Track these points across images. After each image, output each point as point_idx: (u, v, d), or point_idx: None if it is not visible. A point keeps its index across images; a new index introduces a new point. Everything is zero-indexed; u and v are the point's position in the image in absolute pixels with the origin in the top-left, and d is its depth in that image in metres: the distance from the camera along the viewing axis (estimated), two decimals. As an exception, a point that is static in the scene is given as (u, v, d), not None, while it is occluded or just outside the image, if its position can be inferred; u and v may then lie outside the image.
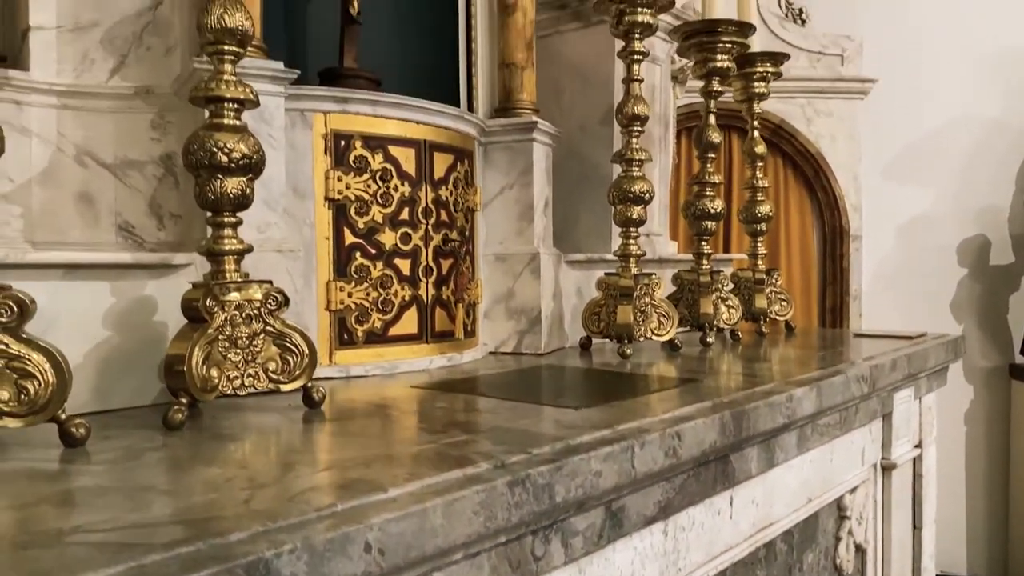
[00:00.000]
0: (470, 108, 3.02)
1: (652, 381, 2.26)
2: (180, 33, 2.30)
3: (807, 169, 5.68)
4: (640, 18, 2.84)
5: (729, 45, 3.25)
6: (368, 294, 2.37)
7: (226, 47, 1.73)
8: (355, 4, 2.70)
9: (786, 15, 5.65)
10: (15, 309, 1.41)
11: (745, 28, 3.26)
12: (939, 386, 3.50)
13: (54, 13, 2.23)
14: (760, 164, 3.74)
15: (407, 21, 2.99)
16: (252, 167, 1.74)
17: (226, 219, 1.74)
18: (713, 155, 3.38)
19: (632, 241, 2.89)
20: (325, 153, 2.32)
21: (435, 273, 2.55)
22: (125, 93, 2.28)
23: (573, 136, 3.68)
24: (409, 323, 2.48)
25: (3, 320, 1.39)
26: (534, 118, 2.97)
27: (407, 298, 2.47)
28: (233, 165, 1.70)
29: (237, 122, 1.74)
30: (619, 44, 2.97)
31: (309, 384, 1.80)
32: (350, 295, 2.34)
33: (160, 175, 2.30)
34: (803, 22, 5.70)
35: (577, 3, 3.88)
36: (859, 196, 5.65)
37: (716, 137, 3.35)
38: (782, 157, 5.70)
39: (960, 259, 5.87)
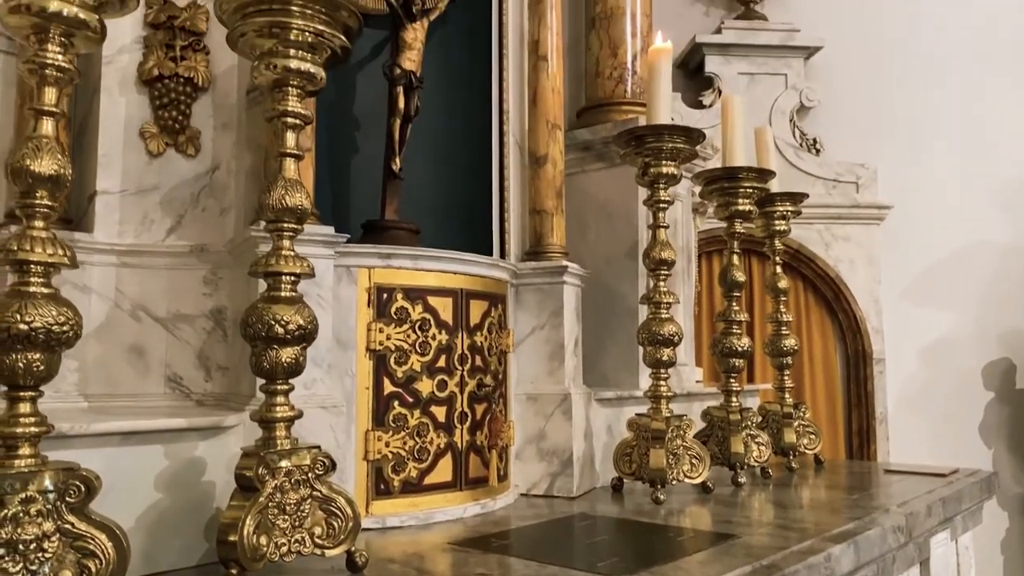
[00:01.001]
0: (502, 251, 3.13)
1: (687, 536, 2.26)
2: (235, 195, 2.45)
3: (827, 292, 5.76)
4: (664, 169, 2.98)
5: (750, 190, 3.38)
6: (405, 443, 2.42)
7: (286, 225, 1.85)
8: (397, 161, 2.86)
9: (801, 145, 5.86)
10: (82, 489, 1.47)
11: (765, 175, 3.40)
12: (975, 525, 3.45)
13: (119, 178, 2.39)
14: (783, 298, 3.81)
15: (444, 171, 3.15)
16: (307, 337, 1.83)
17: (279, 387, 1.81)
18: (738, 293, 3.46)
19: (663, 383, 2.94)
20: (368, 306, 2.42)
21: (470, 419, 2.60)
22: (180, 251, 2.41)
23: (599, 268, 3.78)
24: (444, 471, 2.51)
25: (71, 500, 1.45)
26: (564, 262, 3.08)
27: (442, 445, 2.51)
28: (289, 336, 1.78)
29: (293, 293, 1.84)
30: (644, 192, 3.10)
31: (352, 549, 1.82)
32: (387, 444, 2.39)
33: (210, 328, 2.40)
34: (818, 151, 5.90)
35: (601, 145, 4.06)
36: (880, 319, 5.69)
37: (740, 276, 3.43)
38: (802, 281, 5.78)
39: (986, 382, 5.85)
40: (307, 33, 1.86)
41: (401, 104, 2.88)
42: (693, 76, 6.16)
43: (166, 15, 2.47)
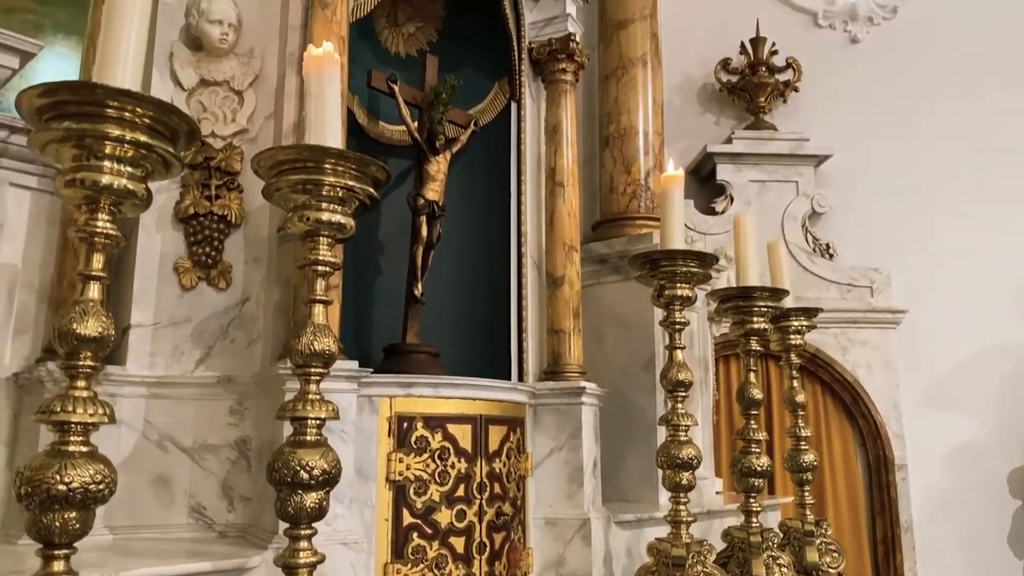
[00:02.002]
0: (520, 369, 3.18)
1: None
2: (263, 327, 2.53)
3: (845, 396, 5.73)
4: (679, 292, 3.04)
5: (764, 309, 3.43)
6: (424, 575, 2.41)
7: (313, 369, 1.91)
8: (419, 286, 2.95)
9: (814, 250, 5.94)
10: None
11: (779, 294, 3.46)
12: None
13: (152, 311, 2.48)
14: (802, 412, 3.81)
15: (465, 294, 3.24)
16: (331, 481, 1.86)
17: (303, 531, 1.83)
18: (756, 411, 3.46)
19: (682, 507, 2.92)
20: (389, 435, 2.46)
21: (488, 549, 2.60)
22: (208, 382, 2.48)
23: (616, 380, 3.81)
24: (463, 603, 2.49)
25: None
26: (582, 383, 3.12)
27: (461, 577, 2.50)
28: (314, 482, 1.82)
29: (319, 437, 1.88)
30: (660, 313, 3.16)
31: None
32: (407, 577, 2.38)
33: (234, 458, 2.44)
34: (831, 256, 5.98)
35: (616, 259, 4.16)
36: (900, 424, 5.64)
37: (758, 394, 3.44)
38: (820, 385, 5.77)
39: (1012, 489, 5.74)
40: (338, 188, 1.96)
41: (424, 232, 3.00)
42: (705, 182, 6.31)
43: (203, 156, 2.61)
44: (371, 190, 2.08)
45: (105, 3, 1.75)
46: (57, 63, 3.24)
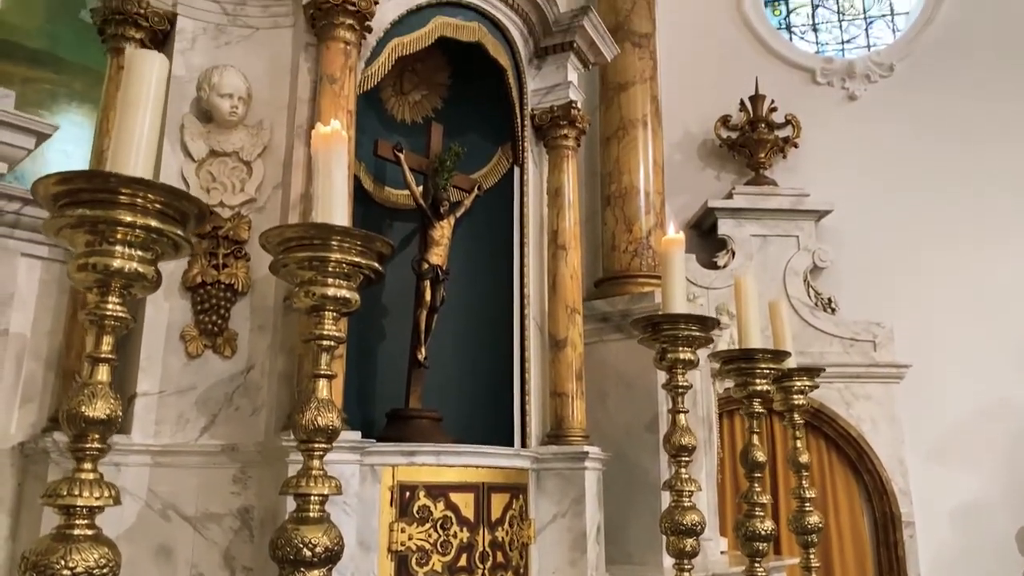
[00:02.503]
0: (523, 433, 3.18)
1: None
2: (267, 395, 2.55)
3: (850, 452, 5.70)
4: (682, 355, 3.05)
5: (767, 371, 3.44)
6: (426, 648, 2.39)
7: (317, 444, 1.92)
8: (423, 350, 2.97)
9: (816, 304, 5.97)
10: None
11: (780, 356, 3.47)
12: None
13: (158, 380, 2.50)
14: (806, 473, 3.79)
15: (468, 357, 3.26)
16: (333, 558, 1.86)
17: (304, 611, 1.83)
18: (759, 474, 3.45)
19: (686, 573, 2.90)
20: (391, 505, 2.46)
21: (491, 620, 2.57)
22: (212, 450, 2.48)
23: (619, 439, 3.81)
24: (465, 676, 2.46)
25: None
26: (585, 447, 3.11)
27: (464, 649, 2.47)
28: (316, 559, 1.82)
29: (322, 513, 1.89)
30: (663, 373, 3.17)
31: None
32: (408, 650, 2.36)
33: (236, 528, 2.43)
34: (833, 310, 6.00)
35: (619, 318, 4.19)
36: (907, 480, 5.60)
37: (761, 456, 3.43)
38: (824, 440, 5.75)
39: (1021, 547, 5.67)
40: (344, 264, 2.00)
41: (428, 296, 3.03)
42: (707, 236, 6.36)
43: (211, 225, 2.65)
44: (376, 265, 2.11)
45: (120, 89, 1.81)
46: (70, 130, 3.31)
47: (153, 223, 1.65)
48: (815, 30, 7.21)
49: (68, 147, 3.27)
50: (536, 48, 3.62)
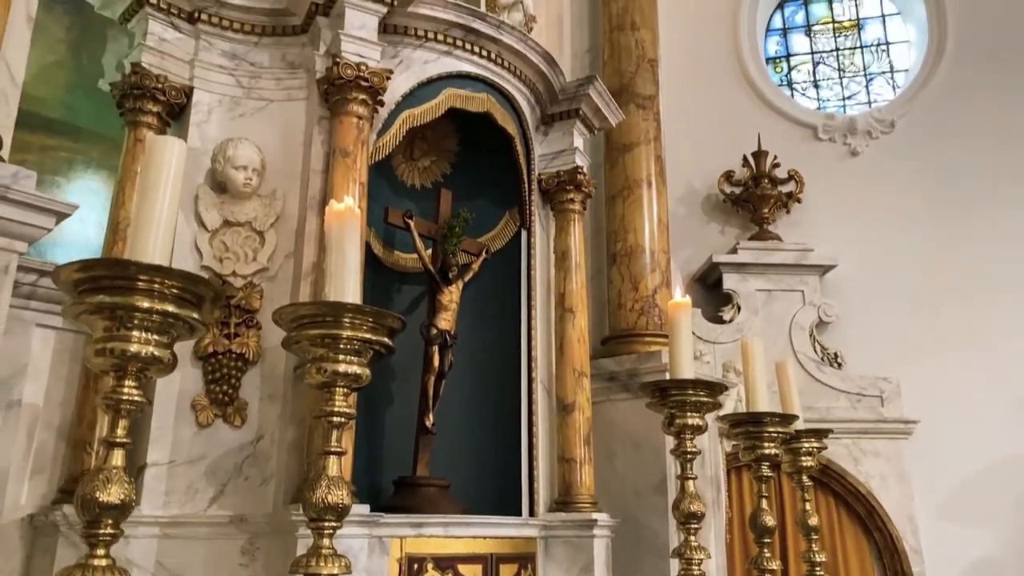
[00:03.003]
0: (531, 500, 3.17)
1: None
2: (276, 465, 2.56)
3: (860, 509, 5.64)
4: (690, 421, 3.05)
5: (775, 434, 3.44)
6: None
7: (327, 523, 1.92)
8: (430, 416, 2.98)
9: (822, 359, 5.96)
10: None
11: (788, 419, 3.46)
12: None
13: (168, 450, 2.52)
14: (815, 536, 3.75)
15: (476, 423, 3.26)
16: (341, 639, 1.85)
17: None
18: (769, 539, 3.42)
19: (695, 644, 2.86)
20: (399, 577, 2.44)
21: None
22: (221, 521, 2.48)
23: (628, 501, 3.78)
24: None
25: None
26: (594, 515, 3.10)
27: None
28: (325, 642, 1.81)
29: (330, 592, 1.88)
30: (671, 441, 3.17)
31: None
32: None
33: (244, 600, 2.42)
34: (839, 365, 5.99)
35: (626, 377, 4.20)
36: (917, 538, 5.53)
37: (771, 521, 3.41)
38: (833, 497, 5.69)
39: (1036, 607, 5.57)
40: (355, 341, 2.03)
41: (436, 362, 3.05)
42: (712, 290, 6.38)
43: (224, 294, 2.68)
44: (387, 341, 2.14)
45: (140, 174, 1.86)
46: (85, 196, 3.36)
47: (170, 308, 1.68)
48: (816, 87, 7.32)
49: (83, 213, 3.30)
50: (543, 115, 3.69)
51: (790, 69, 7.43)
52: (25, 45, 2.68)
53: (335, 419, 2.01)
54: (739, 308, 6.05)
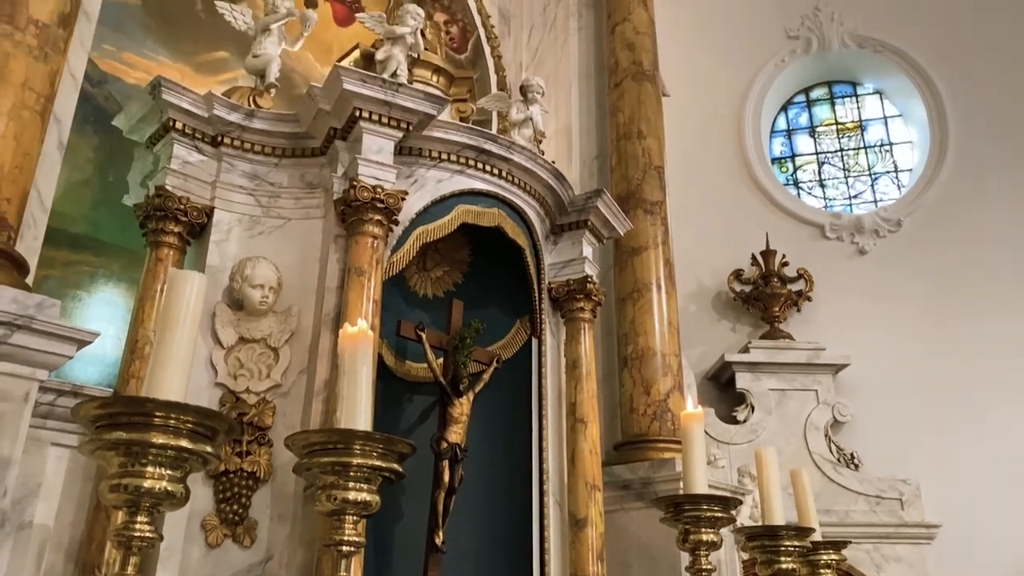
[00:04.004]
0: (546, 621, 3.09)
1: None
2: (285, 588, 2.52)
3: (885, 619, 5.45)
4: (704, 537, 3.01)
5: (791, 548, 3.36)
6: None
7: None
8: (440, 534, 2.95)
9: (839, 460, 5.88)
10: None
11: (804, 532, 3.40)
12: None
13: (177, 571, 2.49)
14: (838, 653, 3.63)
15: (486, 540, 3.21)
16: None
17: None
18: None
19: None
20: None
21: None
22: (227, 649, 2.43)
23: (644, 616, 3.68)
24: None
25: None
26: (608, 638, 3.01)
27: None
28: None
29: None
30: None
31: None
32: None
33: None
34: (856, 466, 5.90)
35: (640, 485, 4.15)
36: (946, 651, 5.32)
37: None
38: (857, 607, 5.51)
39: None
40: (365, 469, 2.04)
41: (446, 477, 3.03)
42: (725, 388, 6.36)
43: (237, 412, 2.71)
44: (397, 467, 2.14)
45: (161, 308, 1.92)
46: (104, 309, 3.44)
47: (184, 444, 1.71)
48: (822, 186, 7.46)
49: (101, 325, 3.37)
50: (552, 225, 3.78)
51: (795, 169, 7.59)
52: (56, 171, 2.81)
53: (345, 548, 2.00)
54: (753, 408, 6.01)
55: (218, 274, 2.92)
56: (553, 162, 3.87)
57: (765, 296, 6.40)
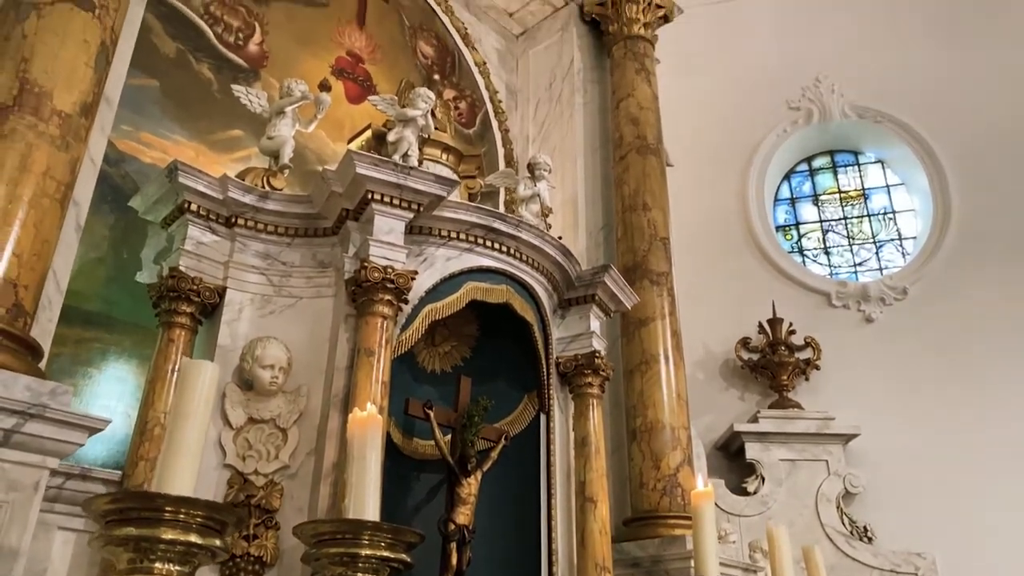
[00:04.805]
0: None
1: None
2: None
3: None
4: (717, 621, 2.95)
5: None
6: None
7: None
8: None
9: (851, 532, 5.76)
10: None
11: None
12: None
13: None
14: None
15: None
16: None
17: None
18: None
19: None
20: None
21: None
22: None
23: None
24: None
25: None
26: None
27: None
28: None
29: None
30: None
31: None
32: None
33: None
34: (870, 539, 5.78)
35: (650, 563, 4.07)
36: None
37: None
38: None
39: None
40: (373, 560, 2.02)
41: (454, 560, 3.00)
42: (735, 458, 6.28)
43: (244, 494, 2.70)
44: (405, 557, 2.13)
45: (174, 399, 1.94)
46: (114, 385, 3.46)
47: (194, 539, 1.70)
48: (827, 253, 7.50)
49: (111, 402, 3.40)
50: (560, 300, 3.80)
51: (800, 237, 7.64)
52: (73, 254, 2.86)
53: (352, 643, 1.97)
54: (763, 479, 5.93)
55: (229, 354, 2.94)
56: (560, 237, 3.93)
57: (773, 365, 6.38)
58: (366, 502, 2.14)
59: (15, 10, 2.58)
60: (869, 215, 7.62)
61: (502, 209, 5.50)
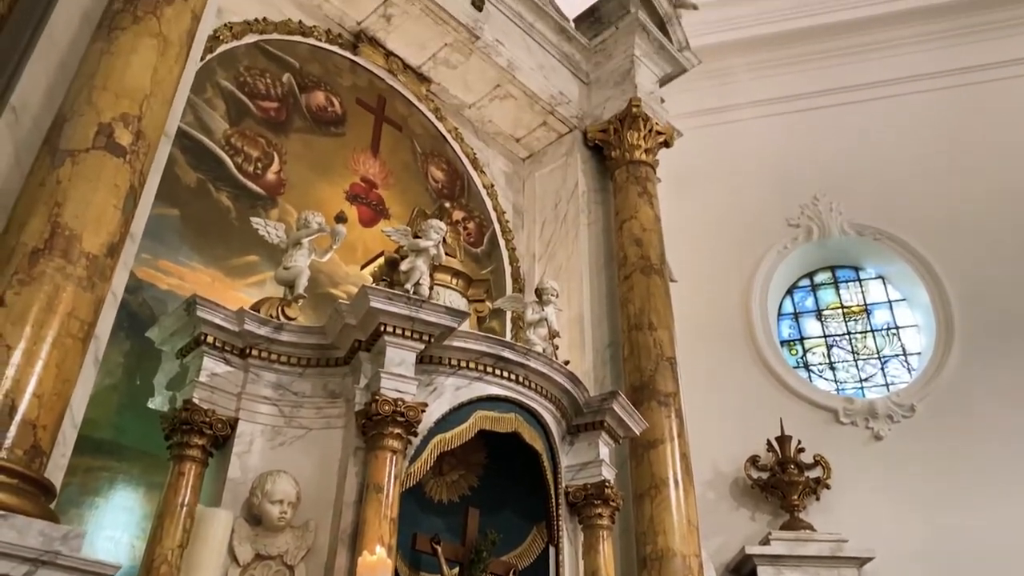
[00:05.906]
0: None
1: None
2: None
3: None
4: None
5: None
6: None
7: None
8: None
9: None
10: None
11: None
12: None
13: None
14: None
15: None
16: None
17: None
18: None
19: None
20: None
21: None
22: None
23: None
24: None
25: None
26: None
27: None
28: None
29: None
30: None
31: None
32: None
33: None
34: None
35: None
36: None
37: None
38: None
39: None
40: None
41: None
42: (746, 583, 6.11)
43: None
44: None
45: (187, 548, 1.94)
46: (119, 515, 3.43)
47: None
48: (832, 368, 7.50)
49: (116, 533, 3.36)
50: (568, 426, 3.81)
51: (805, 352, 7.66)
52: (89, 388, 2.89)
53: None
54: (781, 613, 5.75)
55: (238, 487, 2.94)
56: (567, 362, 3.97)
57: (783, 484, 6.29)
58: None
59: (51, 156, 2.71)
60: (873, 330, 7.66)
61: (509, 325, 5.59)
